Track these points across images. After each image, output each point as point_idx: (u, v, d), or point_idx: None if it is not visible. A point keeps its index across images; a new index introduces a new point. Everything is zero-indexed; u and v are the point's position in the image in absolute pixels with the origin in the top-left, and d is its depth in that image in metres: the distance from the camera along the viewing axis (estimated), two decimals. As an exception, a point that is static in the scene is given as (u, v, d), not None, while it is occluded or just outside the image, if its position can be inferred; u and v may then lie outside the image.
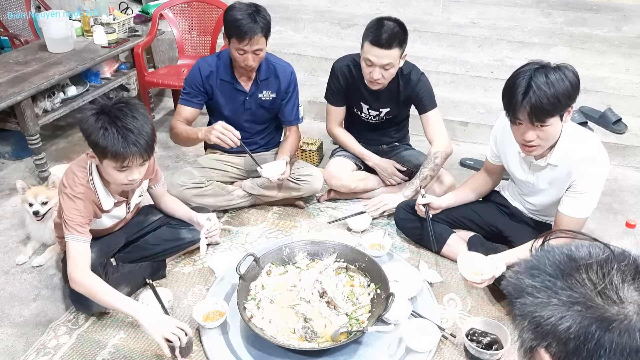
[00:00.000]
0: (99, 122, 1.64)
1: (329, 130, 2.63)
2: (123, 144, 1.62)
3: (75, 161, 1.85)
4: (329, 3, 4.38)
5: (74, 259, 1.75)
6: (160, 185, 2.13)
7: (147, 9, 3.80)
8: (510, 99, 1.69)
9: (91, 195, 1.80)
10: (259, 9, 2.18)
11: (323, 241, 2.11)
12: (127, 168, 1.69)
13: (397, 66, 2.25)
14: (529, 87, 1.63)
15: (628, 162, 2.99)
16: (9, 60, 2.93)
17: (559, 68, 1.65)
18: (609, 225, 2.45)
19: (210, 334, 1.82)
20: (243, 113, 2.42)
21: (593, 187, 1.76)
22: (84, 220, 1.77)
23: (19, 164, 3.03)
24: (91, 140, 1.65)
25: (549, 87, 1.61)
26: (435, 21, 4.05)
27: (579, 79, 1.68)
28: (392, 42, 2.16)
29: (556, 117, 1.67)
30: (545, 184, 1.88)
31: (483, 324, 1.75)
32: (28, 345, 1.82)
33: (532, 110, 1.64)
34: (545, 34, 3.76)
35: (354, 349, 1.75)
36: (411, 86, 2.37)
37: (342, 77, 2.44)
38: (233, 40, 2.17)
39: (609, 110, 3.09)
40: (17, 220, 2.49)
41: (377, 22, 2.21)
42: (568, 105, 1.68)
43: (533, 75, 1.64)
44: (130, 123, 1.65)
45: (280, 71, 2.39)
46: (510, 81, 1.71)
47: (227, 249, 2.29)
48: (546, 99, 1.62)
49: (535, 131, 1.70)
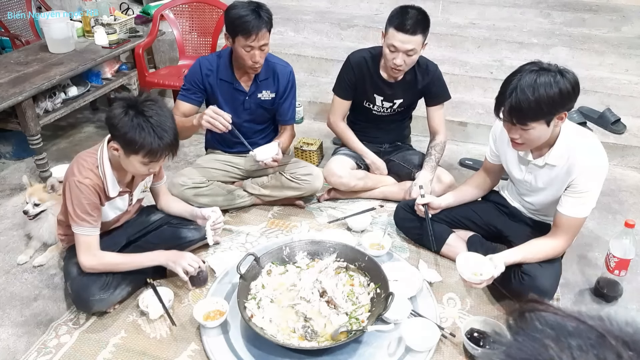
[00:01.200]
0: (133, 120, 1.67)
1: (331, 123, 2.63)
2: (159, 143, 1.68)
3: (84, 151, 1.88)
4: (329, 4, 4.39)
5: (83, 246, 1.81)
6: (162, 183, 2.16)
7: (147, 9, 3.80)
8: (498, 95, 1.70)
9: (98, 182, 1.81)
10: (260, 5, 2.20)
11: (323, 241, 2.12)
12: (154, 162, 1.75)
13: (419, 53, 2.29)
14: (515, 87, 1.62)
15: (627, 162, 3.00)
16: (10, 61, 2.93)
17: (555, 72, 1.61)
18: (608, 225, 2.46)
19: (211, 333, 1.82)
20: (242, 113, 2.43)
21: (592, 187, 1.75)
22: (91, 207, 1.79)
23: (20, 164, 3.04)
24: (125, 137, 1.68)
25: (532, 92, 1.58)
26: (435, 22, 4.01)
27: (575, 87, 1.63)
28: (417, 28, 2.20)
29: (539, 121, 1.64)
30: (544, 183, 1.88)
31: (482, 323, 1.76)
32: (29, 345, 1.83)
33: (510, 110, 1.64)
34: (544, 35, 3.77)
35: (353, 348, 1.75)
36: (429, 77, 2.44)
37: (357, 68, 2.46)
38: (239, 38, 2.17)
39: (607, 111, 3.10)
40: (18, 220, 2.50)
41: (402, 9, 2.25)
42: (554, 113, 1.64)
43: (523, 77, 1.62)
44: (164, 123, 1.70)
45: (280, 71, 2.40)
46: (506, 78, 1.70)
47: (227, 248, 2.29)
48: (527, 102, 1.59)
49: (518, 131, 1.70)
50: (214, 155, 2.58)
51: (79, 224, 1.79)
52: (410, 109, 2.64)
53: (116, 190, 1.88)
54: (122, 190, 1.92)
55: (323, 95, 3.45)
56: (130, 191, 1.97)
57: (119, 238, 2.06)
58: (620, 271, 1.95)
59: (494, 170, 2.16)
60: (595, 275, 2.09)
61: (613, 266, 1.94)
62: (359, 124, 2.65)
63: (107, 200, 1.89)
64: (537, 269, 1.82)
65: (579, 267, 2.20)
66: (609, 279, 1.99)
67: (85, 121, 3.55)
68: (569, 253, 2.14)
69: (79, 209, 1.78)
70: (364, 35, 3.90)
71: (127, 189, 1.95)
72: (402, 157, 2.62)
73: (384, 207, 2.53)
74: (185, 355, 1.76)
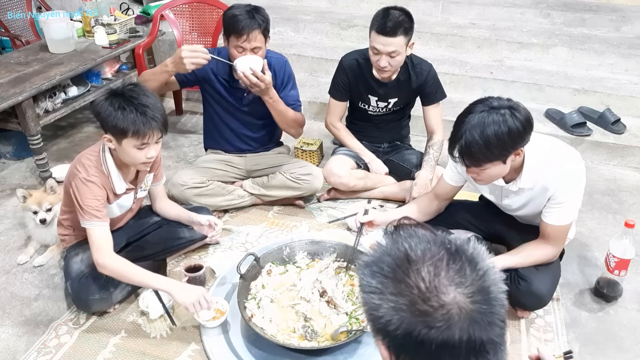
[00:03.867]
0: (115, 104, 1.69)
1: (328, 124, 2.63)
2: (143, 120, 1.68)
3: (85, 151, 1.88)
4: (329, 4, 4.40)
5: (97, 244, 1.78)
6: (160, 185, 2.15)
7: (148, 9, 3.80)
8: (450, 136, 1.63)
9: (104, 180, 1.82)
10: (257, 8, 2.20)
11: (323, 241, 2.12)
12: (146, 145, 1.74)
13: (403, 54, 2.28)
14: (464, 130, 1.56)
15: (627, 162, 3.00)
16: (10, 61, 2.94)
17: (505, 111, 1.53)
18: (607, 225, 2.46)
19: (211, 333, 1.82)
20: (242, 109, 2.43)
21: (572, 195, 1.71)
22: (100, 203, 1.79)
23: (20, 164, 3.04)
24: (109, 123, 1.70)
25: (481, 134, 1.52)
26: (435, 22, 4.06)
27: (527, 124, 1.55)
28: (397, 29, 2.19)
29: (492, 162, 1.58)
30: (522, 203, 1.84)
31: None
32: (29, 345, 1.83)
33: (461, 154, 1.58)
34: (544, 35, 3.77)
35: (353, 348, 1.75)
36: (423, 76, 2.43)
37: (350, 70, 2.46)
38: (232, 38, 2.17)
39: (607, 111, 3.10)
40: (18, 220, 2.50)
41: (383, 11, 2.26)
42: (506, 154, 1.58)
43: (472, 118, 1.56)
44: (145, 100, 1.72)
45: (275, 63, 2.38)
46: (458, 117, 1.64)
47: (227, 248, 2.29)
48: (476, 146, 1.53)
49: (474, 170, 1.64)
50: (214, 155, 2.58)
51: (89, 220, 1.78)
52: (406, 109, 2.64)
53: (123, 187, 1.88)
54: (128, 188, 1.92)
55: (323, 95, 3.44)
56: (135, 188, 1.97)
57: (119, 238, 2.05)
58: (620, 271, 1.95)
59: (446, 195, 2.04)
60: (595, 275, 2.09)
61: (613, 266, 1.94)
62: (357, 124, 2.65)
63: (116, 198, 1.90)
64: (533, 273, 1.80)
65: (579, 267, 2.20)
66: (609, 279, 1.99)
67: (85, 121, 3.55)
68: (569, 253, 2.15)
69: (89, 204, 1.77)
70: (364, 35, 3.87)
71: (132, 186, 1.95)
72: (401, 157, 2.63)
73: (384, 207, 2.52)
74: (185, 355, 1.76)
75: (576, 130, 3.05)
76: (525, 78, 3.42)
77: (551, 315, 1.93)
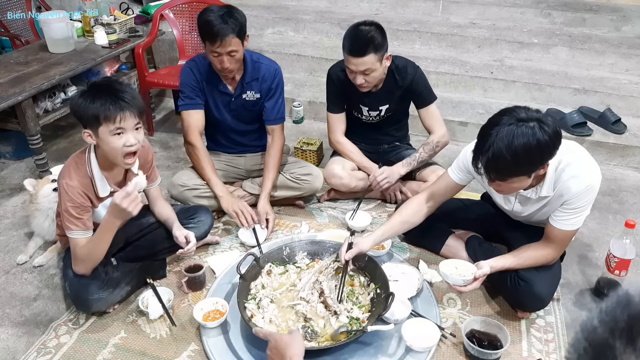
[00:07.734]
0: (87, 96, 1.70)
1: (332, 142, 2.58)
2: (112, 101, 1.67)
3: (75, 153, 1.87)
4: (329, 4, 4.40)
5: (74, 253, 1.81)
6: (155, 186, 2.11)
7: (147, 9, 3.80)
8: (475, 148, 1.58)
9: (86, 183, 1.80)
10: (231, 10, 2.16)
11: (323, 241, 2.12)
12: (122, 130, 1.70)
13: (379, 69, 2.25)
14: (491, 143, 1.50)
15: (627, 162, 3.00)
16: (9, 61, 2.94)
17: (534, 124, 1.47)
18: (608, 225, 2.46)
19: (211, 334, 1.82)
20: (229, 114, 2.42)
21: (586, 203, 1.70)
22: (80, 211, 1.78)
23: (19, 164, 3.04)
24: (83, 114, 1.70)
25: (509, 149, 1.46)
26: (435, 22, 4.06)
27: (555, 137, 1.50)
28: (366, 48, 2.17)
29: (519, 177, 1.55)
30: (535, 209, 1.82)
31: (483, 323, 1.76)
32: (29, 345, 1.83)
33: (487, 168, 1.53)
34: (544, 35, 3.77)
35: (353, 348, 1.75)
36: (409, 80, 2.39)
37: (337, 81, 2.45)
38: (207, 43, 2.16)
39: (608, 111, 3.10)
40: (17, 219, 2.50)
41: (352, 30, 2.23)
42: (533, 170, 1.55)
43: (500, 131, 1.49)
44: (118, 87, 1.72)
45: (265, 70, 2.36)
46: (483, 129, 1.58)
47: (227, 248, 2.29)
48: (504, 161, 1.48)
49: (498, 183, 1.60)
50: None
51: (70, 228, 1.78)
52: (401, 113, 2.58)
53: (106, 190, 1.85)
54: (113, 190, 1.89)
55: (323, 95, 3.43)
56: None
57: (117, 239, 2.04)
58: (620, 271, 1.94)
59: (446, 194, 1.96)
60: (595, 276, 2.09)
61: (613, 266, 1.94)
62: (355, 129, 2.63)
63: (99, 202, 1.87)
64: (533, 275, 1.80)
65: (579, 267, 2.20)
66: (609, 279, 1.99)
67: (85, 121, 3.55)
68: (569, 253, 2.14)
69: (69, 212, 1.76)
70: (364, 35, 3.90)
71: (118, 189, 1.92)
72: (401, 157, 2.60)
73: (384, 206, 2.52)
74: (185, 356, 1.76)
75: (576, 130, 3.05)
76: (526, 78, 3.42)
77: (552, 316, 1.93)
